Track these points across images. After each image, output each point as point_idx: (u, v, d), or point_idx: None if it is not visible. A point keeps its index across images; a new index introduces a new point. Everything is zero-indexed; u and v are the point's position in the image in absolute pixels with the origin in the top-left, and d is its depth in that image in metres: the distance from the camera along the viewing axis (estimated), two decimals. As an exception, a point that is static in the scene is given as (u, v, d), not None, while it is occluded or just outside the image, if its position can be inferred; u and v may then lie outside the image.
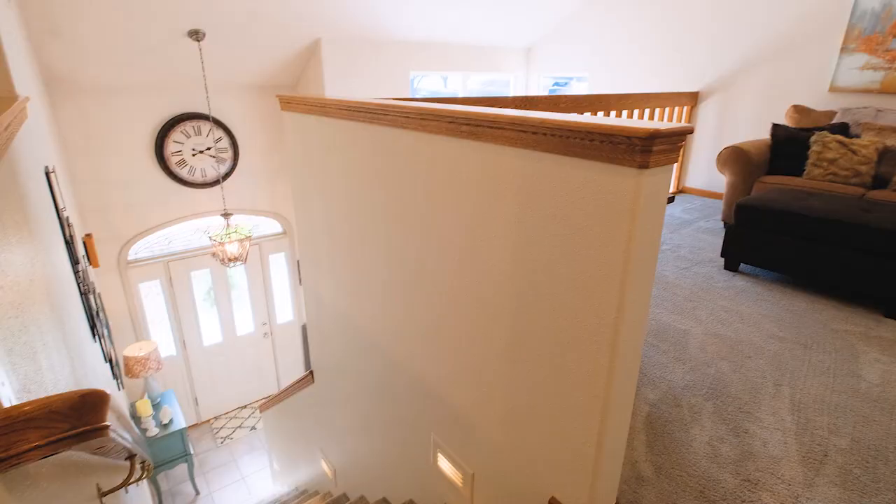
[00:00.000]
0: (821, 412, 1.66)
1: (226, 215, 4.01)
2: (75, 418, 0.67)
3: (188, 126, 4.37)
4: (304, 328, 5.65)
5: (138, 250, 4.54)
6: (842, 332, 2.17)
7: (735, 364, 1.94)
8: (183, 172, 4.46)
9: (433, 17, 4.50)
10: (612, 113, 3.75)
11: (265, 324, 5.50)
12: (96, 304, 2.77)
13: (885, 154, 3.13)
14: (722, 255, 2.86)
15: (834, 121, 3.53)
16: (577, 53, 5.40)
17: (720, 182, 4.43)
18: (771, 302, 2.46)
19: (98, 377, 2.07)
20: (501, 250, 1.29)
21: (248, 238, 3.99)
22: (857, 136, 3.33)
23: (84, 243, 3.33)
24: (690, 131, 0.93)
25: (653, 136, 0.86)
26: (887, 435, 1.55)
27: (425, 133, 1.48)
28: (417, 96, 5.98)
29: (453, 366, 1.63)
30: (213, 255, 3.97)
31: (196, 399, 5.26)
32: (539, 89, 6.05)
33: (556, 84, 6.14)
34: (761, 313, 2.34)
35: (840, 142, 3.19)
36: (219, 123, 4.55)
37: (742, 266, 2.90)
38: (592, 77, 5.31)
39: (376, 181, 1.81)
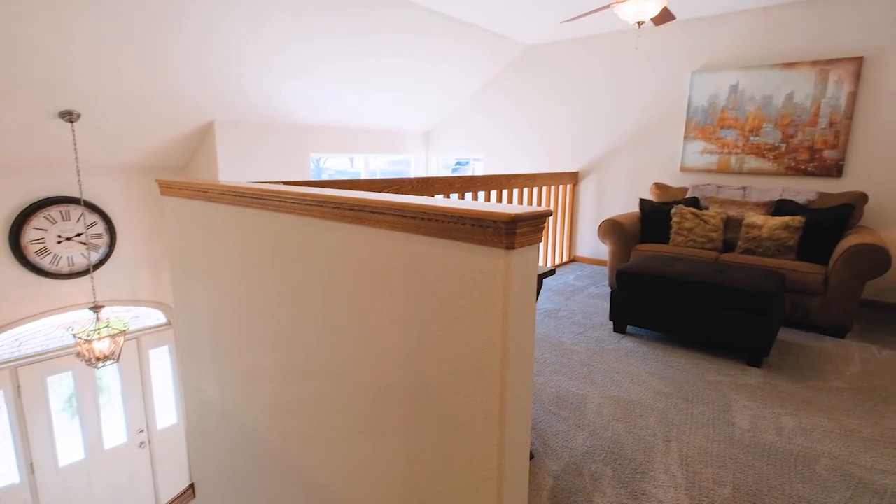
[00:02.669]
0: (705, 463, 1.75)
1: (96, 308, 3.55)
2: None
3: (54, 211, 3.94)
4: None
5: (-23, 356, 3.81)
6: (715, 382, 2.38)
7: (629, 424, 2.02)
8: (44, 262, 3.93)
9: (331, 102, 4.67)
10: (505, 192, 4.05)
11: (142, 431, 4.76)
12: None
13: (728, 223, 3.69)
14: (611, 319, 3.08)
15: (687, 195, 4.11)
16: (471, 137, 5.87)
17: (605, 250, 4.88)
18: (655, 360, 2.65)
19: None
20: (392, 336, 1.26)
21: (123, 332, 3.55)
22: (706, 208, 3.90)
23: None
24: (549, 214, 1.01)
25: (515, 220, 0.92)
26: (761, 478, 1.67)
27: (311, 218, 1.46)
28: (323, 176, 6.02)
29: (349, 462, 1.50)
30: (78, 355, 3.44)
31: (46, 536, 4.27)
32: (439, 168, 6.41)
33: (459, 163, 6.56)
34: (648, 372, 2.51)
35: (694, 213, 3.71)
36: (93, 207, 4.15)
37: (629, 328, 3.13)
38: (487, 158, 5.76)
39: (264, 268, 1.72)
